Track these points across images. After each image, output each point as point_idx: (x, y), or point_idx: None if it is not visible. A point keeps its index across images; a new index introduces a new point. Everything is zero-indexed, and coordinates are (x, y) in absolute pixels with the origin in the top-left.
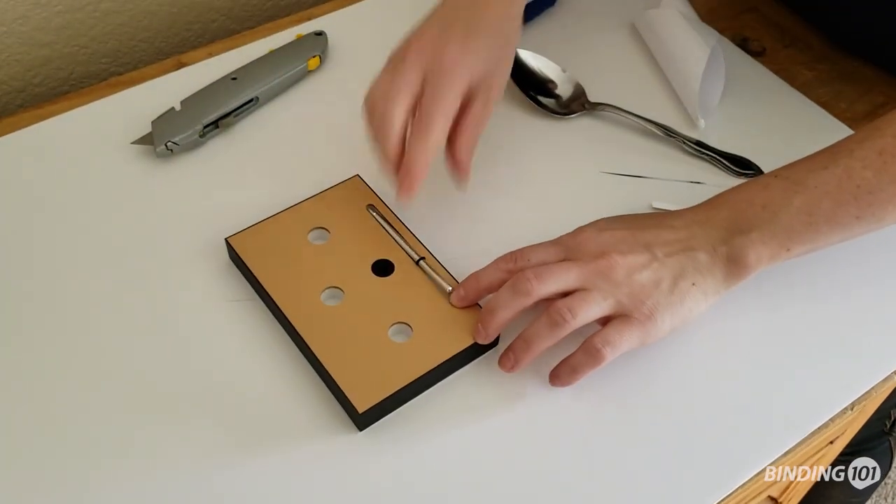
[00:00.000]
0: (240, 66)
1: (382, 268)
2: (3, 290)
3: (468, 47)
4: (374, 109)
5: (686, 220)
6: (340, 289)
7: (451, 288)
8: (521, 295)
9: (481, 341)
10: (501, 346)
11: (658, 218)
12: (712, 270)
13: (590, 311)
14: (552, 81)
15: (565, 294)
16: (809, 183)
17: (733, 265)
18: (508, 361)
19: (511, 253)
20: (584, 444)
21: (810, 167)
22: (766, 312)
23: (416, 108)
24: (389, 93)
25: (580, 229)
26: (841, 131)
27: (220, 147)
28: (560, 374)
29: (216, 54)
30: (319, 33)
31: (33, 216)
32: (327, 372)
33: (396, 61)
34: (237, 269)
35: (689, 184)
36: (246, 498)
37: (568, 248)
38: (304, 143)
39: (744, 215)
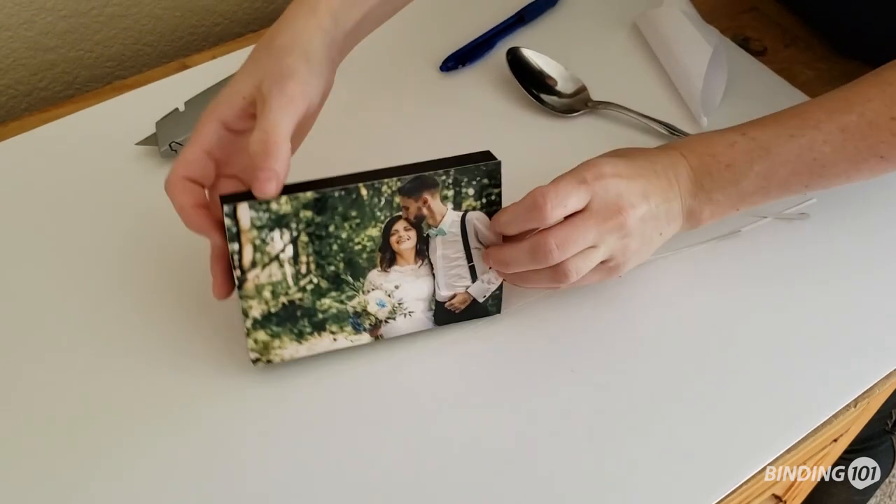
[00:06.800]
0: None
1: None
2: (9, 289)
3: None
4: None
5: (664, 164)
6: None
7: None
8: (540, 261)
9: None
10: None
11: (645, 159)
12: (677, 221)
13: (588, 265)
14: (554, 80)
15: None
16: (773, 150)
17: (690, 218)
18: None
19: (542, 196)
20: (585, 442)
21: (778, 132)
22: (768, 311)
23: None
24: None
25: (600, 170)
26: None
27: None
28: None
29: (219, 56)
30: None
31: (39, 217)
32: None
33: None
34: None
35: None
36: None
37: (592, 192)
38: (304, 143)
39: (708, 171)
